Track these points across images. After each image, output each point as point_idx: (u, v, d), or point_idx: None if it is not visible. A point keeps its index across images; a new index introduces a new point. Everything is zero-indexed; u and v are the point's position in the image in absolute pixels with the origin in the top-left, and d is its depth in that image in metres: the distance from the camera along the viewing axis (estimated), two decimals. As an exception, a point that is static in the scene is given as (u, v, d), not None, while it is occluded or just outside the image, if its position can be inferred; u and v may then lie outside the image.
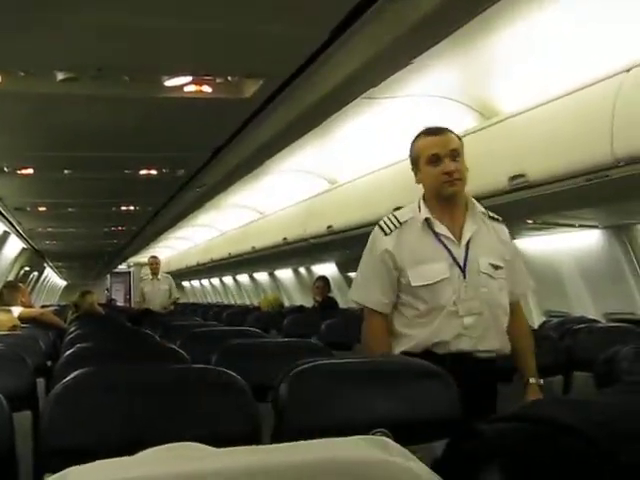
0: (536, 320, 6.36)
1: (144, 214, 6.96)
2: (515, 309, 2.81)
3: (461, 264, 2.63)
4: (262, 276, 14.57)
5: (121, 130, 3.04)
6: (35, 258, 12.46)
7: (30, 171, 4.00)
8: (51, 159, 3.73)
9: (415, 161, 2.72)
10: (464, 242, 2.65)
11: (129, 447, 0.86)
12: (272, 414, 1.99)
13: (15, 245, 9.58)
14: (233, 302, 17.10)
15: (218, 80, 2.38)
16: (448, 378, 2.15)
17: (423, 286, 2.62)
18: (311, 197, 7.67)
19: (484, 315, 2.62)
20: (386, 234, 2.69)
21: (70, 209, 6.14)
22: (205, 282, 20.73)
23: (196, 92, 2.46)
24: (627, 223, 5.30)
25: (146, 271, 10.53)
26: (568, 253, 6.10)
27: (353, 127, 5.10)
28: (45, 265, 16.22)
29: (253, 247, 9.89)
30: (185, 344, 3.46)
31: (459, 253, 2.64)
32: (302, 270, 12.08)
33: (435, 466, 0.91)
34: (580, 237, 5.84)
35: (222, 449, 0.86)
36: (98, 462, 0.81)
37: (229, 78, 2.38)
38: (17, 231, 7.95)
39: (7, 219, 6.64)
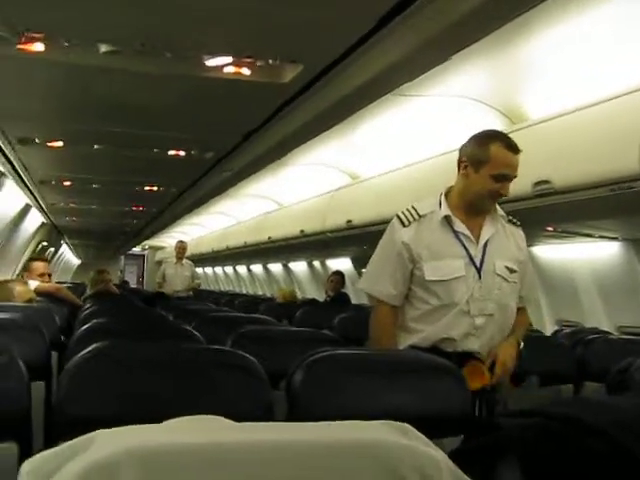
0: (548, 328, 6.35)
1: (166, 196, 6.97)
2: (521, 312, 2.81)
3: (477, 264, 2.64)
4: (276, 267, 14.57)
5: (156, 108, 3.05)
6: (53, 234, 12.53)
7: (60, 144, 4.00)
8: (82, 133, 3.75)
9: (477, 161, 2.64)
10: (482, 243, 2.66)
11: (143, 422, 0.87)
12: (283, 402, 2.00)
13: (35, 219, 9.62)
14: (245, 292, 17.12)
15: (259, 63, 2.38)
16: (461, 375, 2.16)
17: (438, 281, 2.63)
18: (332, 191, 7.67)
19: (494, 317, 2.64)
20: (404, 226, 2.70)
21: (94, 185, 6.15)
22: (219, 270, 20.77)
23: (235, 74, 2.46)
24: (647, 236, 5.27)
25: (164, 255, 10.61)
26: (584, 264, 6.07)
27: (379, 123, 5.09)
28: (62, 242, 16.32)
29: (269, 237, 9.89)
30: (199, 328, 3.46)
31: (476, 253, 2.65)
32: (316, 264, 12.08)
33: (452, 456, 0.92)
34: (598, 248, 5.82)
35: (246, 423, 0.87)
36: (124, 427, 0.83)
37: (270, 61, 2.38)
38: (39, 205, 7.98)
39: (31, 192, 6.66)
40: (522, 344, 2.72)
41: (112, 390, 1.81)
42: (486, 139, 2.66)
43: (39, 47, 2.26)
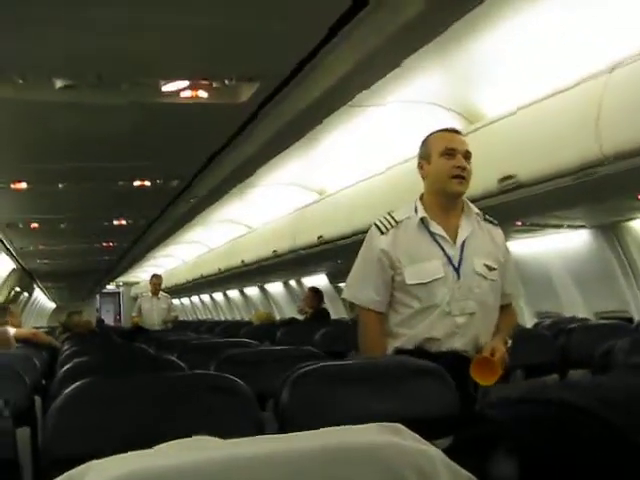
0: (528, 322, 6.40)
1: (136, 228, 6.94)
2: (507, 309, 2.83)
3: (455, 264, 2.65)
4: (252, 291, 14.55)
5: (118, 138, 3.03)
6: (25, 278, 12.39)
7: (24, 185, 3.96)
8: (46, 172, 3.71)
9: (426, 154, 2.74)
10: (459, 242, 2.67)
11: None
12: (272, 422, 2.00)
13: (5, 265, 9.51)
14: (224, 318, 17.05)
15: (215, 84, 2.38)
16: (446, 376, 2.17)
17: (418, 284, 2.64)
18: (300, 208, 7.68)
19: (476, 315, 2.64)
20: (382, 233, 2.71)
21: (62, 225, 6.09)
22: (195, 299, 20.67)
23: (192, 97, 2.47)
24: (615, 221, 5.34)
25: (139, 290, 10.55)
26: (557, 255, 6.14)
27: (340, 137, 5.12)
28: (35, 286, 16.13)
29: (243, 261, 9.88)
30: (181, 357, 3.44)
31: (454, 253, 2.66)
32: (292, 283, 12.07)
33: (446, 452, 0.92)
34: (568, 238, 5.89)
35: (239, 439, 0.87)
36: (117, 455, 0.82)
37: (226, 82, 2.39)
38: (7, 250, 7.89)
39: (-1, 237, 6.60)
40: (510, 342, 2.72)
41: (99, 426, 1.79)
42: (425, 138, 2.79)
43: (-7, 86, 2.24)
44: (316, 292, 8.47)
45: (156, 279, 10.20)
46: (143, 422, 1.80)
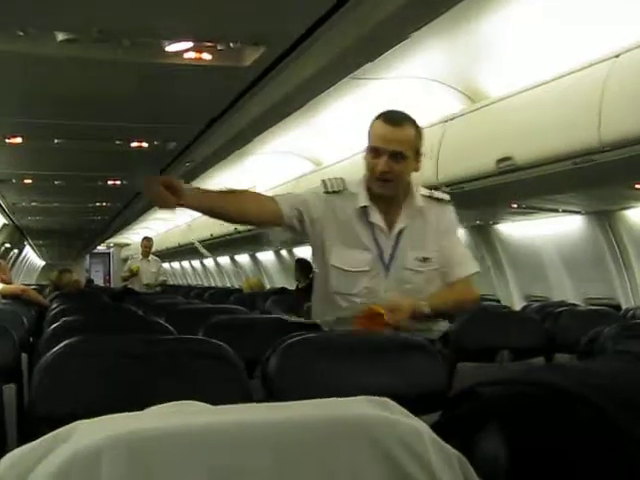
0: (517, 304, 6.43)
1: (130, 189, 6.88)
2: (454, 284, 2.62)
3: (386, 260, 2.55)
4: (244, 258, 14.54)
5: (117, 97, 2.99)
6: (16, 235, 12.35)
7: (19, 140, 3.89)
8: (42, 127, 3.66)
9: (368, 139, 2.54)
10: (394, 235, 2.56)
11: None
12: (259, 389, 2.00)
13: (-3, 220, 9.49)
14: (214, 284, 17.07)
15: (219, 47, 2.34)
16: (435, 351, 2.17)
17: (341, 269, 2.57)
18: (295, 178, 7.66)
19: None
20: (327, 192, 2.60)
21: (56, 182, 6.02)
22: (186, 264, 20.66)
23: (196, 59, 2.42)
24: (610, 209, 5.35)
25: (129, 252, 10.56)
26: (550, 239, 6.16)
27: (340, 109, 5.09)
28: (25, 243, 16.09)
29: (235, 228, 9.86)
30: (169, 321, 3.43)
31: (387, 247, 2.55)
32: (284, 253, 12.07)
33: (434, 428, 0.92)
34: (562, 223, 5.90)
35: (226, 405, 0.87)
36: (105, 416, 0.82)
37: (231, 45, 2.34)
38: None
39: (-9, 192, 6.55)
40: (428, 310, 2.46)
41: (86, 385, 1.79)
42: (374, 119, 2.56)
43: (-7, 38, 2.21)
44: (303, 263, 8.43)
45: (147, 241, 10.22)
46: (130, 383, 1.80)
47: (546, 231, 6.15)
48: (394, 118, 2.50)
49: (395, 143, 2.45)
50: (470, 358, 3.47)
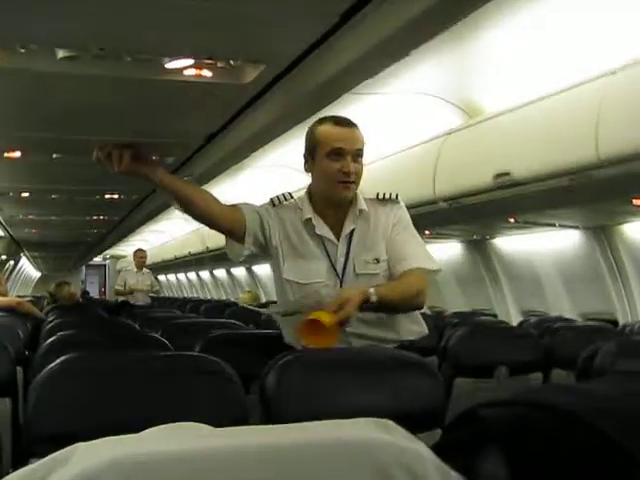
0: (514, 319, 6.42)
1: (127, 204, 6.87)
2: (404, 273, 2.48)
3: (339, 269, 2.51)
4: (240, 271, 14.53)
5: (116, 113, 2.99)
6: (12, 247, 12.32)
7: (17, 154, 3.89)
8: (41, 141, 3.65)
9: (312, 149, 2.49)
10: (342, 242, 2.51)
11: (116, 433, 0.84)
12: (256, 406, 1.99)
13: (-7, 233, 9.47)
14: (210, 297, 17.05)
15: (219, 64, 2.34)
16: (434, 370, 2.17)
17: (295, 282, 2.53)
18: (293, 192, 7.64)
19: (359, 318, 2.41)
20: (274, 205, 2.58)
21: (53, 196, 6.01)
22: (182, 276, 20.64)
23: (196, 76, 2.42)
24: (607, 224, 5.36)
25: (122, 264, 10.55)
26: (547, 253, 6.16)
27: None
28: (21, 254, 16.06)
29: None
30: (166, 335, 3.43)
31: (337, 255, 2.51)
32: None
33: (434, 450, 0.91)
34: (559, 238, 5.90)
35: (227, 428, 0.86)
36: (103, 439, 0.81)
37: (231, 62, 2.35)
38: (-4, 218, 7.84)
39: (-12, 205, 6.53)
40: (376, 298, 2.30)
41: (83, 403, 1.77)
42: (313, 126, 2.53)
43: (-6, 54, 2.21)
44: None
45: (141, 253, 10.18)
46: (128, 401, 1.79)
47: (543, 246, 6.15)
48: (344, 120, 2.47)
49: (357, 142, 2.44)
50: (468, 374, 3.47)
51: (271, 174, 7.52)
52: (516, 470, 0.88)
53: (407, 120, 4.92)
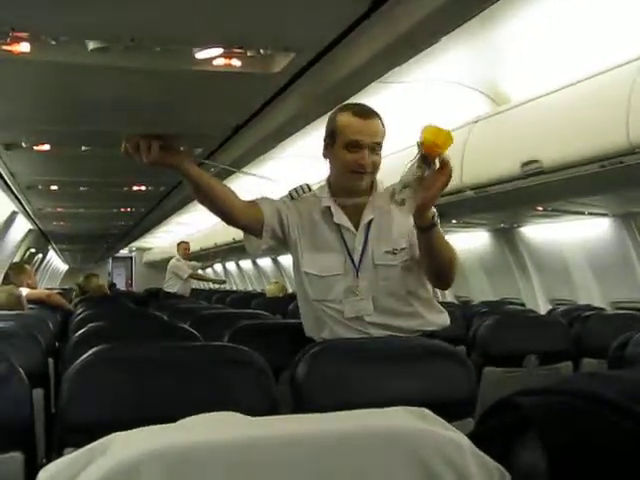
0: (542, 308, 6.38)
1: (155, 195, 6.87)
2: None
3: (356, 259, 2.51)
4: (266, 262, 14.55)
5: (146, 104, 2.98)
6: (41, 240, 12.43)
7: (46, 147, 3.90)
8: (70, 134, 3.67)
9: (332, 136, 2.50)
10: (361, 232, 2.53)
11: (148, 423, 0.84)
12: (286, 395, 1.99)
13: (23, 226, 9.54)
14: (235, 288, 17.10)
15: (249, 53, 2.33)
16: (465, 359, 2.16)
17: (314, 275, 2.55)
18: (321, 181, 7.64)
19: (379, 308, 2.49)
20: (293, 198, 2.64)
21: (82, 188, 6.03)
22: (208, 268, 20.71)
23: (226, 65, 2.41)
24: (637, 211, 5.29)
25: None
26: (576, 242, 6.09)
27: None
28: (49, 247, 16.19)
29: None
30: (194, 326, 3.45)
31: (355, 246, 2.52)
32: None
33: (471, 438, 0.91)
34: (588, 225, 5.84)
35: (262, 417, 0.86)
36: (140, 429, 0.81)
37: (261, 51, 2.33)
38: (25, 211, 7.89)
39: (17, 198, 6.57)
40: (438, 219, 2.32)
41: (115, 393, 1.79)
42: (335, 113, 2.53)
43: (25, 47, 2.20)
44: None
45: (185, 245, 10.44)
46: (159, 391, 1.81)
47: (572, 234, 6.09)
48: (365, 111, 2.47)
49: (375, 135, 2.45)
50: (496, 363, 3.46)
51: (297, 164, 7.52)
52: (555, 458, 0.87)
53: (433, 108, 4.88)
